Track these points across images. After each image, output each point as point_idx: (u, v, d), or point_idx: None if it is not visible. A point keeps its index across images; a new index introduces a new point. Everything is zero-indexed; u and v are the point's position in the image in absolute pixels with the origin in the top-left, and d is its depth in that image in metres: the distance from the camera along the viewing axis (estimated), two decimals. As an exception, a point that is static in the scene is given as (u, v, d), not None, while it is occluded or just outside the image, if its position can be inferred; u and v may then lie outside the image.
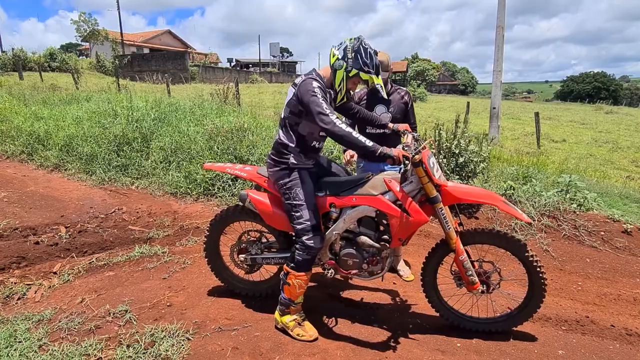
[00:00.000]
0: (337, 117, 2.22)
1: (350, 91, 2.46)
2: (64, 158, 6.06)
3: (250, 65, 47.19)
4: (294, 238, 2.67)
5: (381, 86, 2.33)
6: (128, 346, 2.32)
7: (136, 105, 6.96)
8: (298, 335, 2.45)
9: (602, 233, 4.08)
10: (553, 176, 5.48)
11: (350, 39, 2.30)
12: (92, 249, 3.73)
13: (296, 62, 56.30)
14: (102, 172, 5.57)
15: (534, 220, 4.22)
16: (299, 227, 2.37)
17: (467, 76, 69.12)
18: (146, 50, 37.24)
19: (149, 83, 12.44)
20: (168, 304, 2.80)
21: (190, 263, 3.41)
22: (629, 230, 4.06)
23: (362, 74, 2.27)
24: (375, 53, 2.30)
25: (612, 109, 29.21)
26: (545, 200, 4.47)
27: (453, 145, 4.69)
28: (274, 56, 49.56)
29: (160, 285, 3.06)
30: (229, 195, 4.86)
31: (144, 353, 2.27)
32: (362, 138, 2.16)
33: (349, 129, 2.17)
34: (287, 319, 2.48)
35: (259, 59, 46.20)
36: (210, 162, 5.10)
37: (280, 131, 2.44)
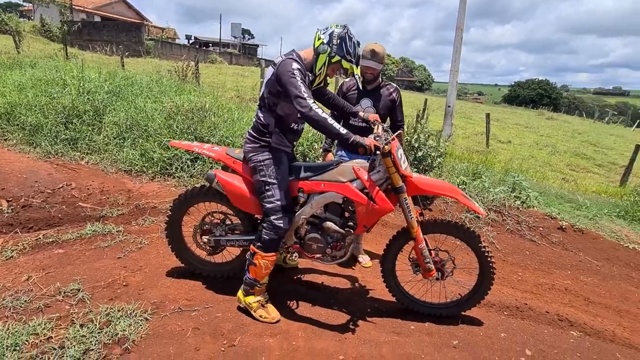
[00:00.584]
0: (315, 102, 2.25)
1: (328, 77, 2.47)
2: (4, 127, 5.59)
3: (210, 45, 45.50)
4: (259, 221, 2.69)
5: (359, 77, 2.39)
6: (82, 325, 2.24)
7: (88, 76, 6.54)
8: (260, 316, 2.47)
9: (541, 229, 4.44)
10: (499, 174, 5.86)
11: (337, 26, 2.31)
12: (38, 225, 3.52)
13: (258, 46, 54.98)
14: (48, 144, 5.21)
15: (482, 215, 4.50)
16: (269, 205, 2.38)
17: (424, 73, 71.01)
18: (97, 19, 34.74)
19: (100, 54, 11.65)
20: (124, 283, 2.72)
21: (148, 243, 3.31)
22: (563, 227, 4.45)
23: (344, 62, 2.30)
24: (359, 44, 2.35)
25: (553, 115, 31.33)
26: (493, 196, 4.78)
27: (413, 140, 4.87)
28: (235, 37, 48.09)
29: (115, 264, 2.96)
30: (187, 176, 4.75)
31: (99, 332, 2.20)
32: (336, 125, 2.21)
33: (324, 115, 2.20)
34: (251, 299, 2.49)
35: (220, 39, 44.66)
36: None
37: (259, 111, 2.44)
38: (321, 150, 3.46)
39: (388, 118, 3.23)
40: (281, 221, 2.39)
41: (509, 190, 4.99)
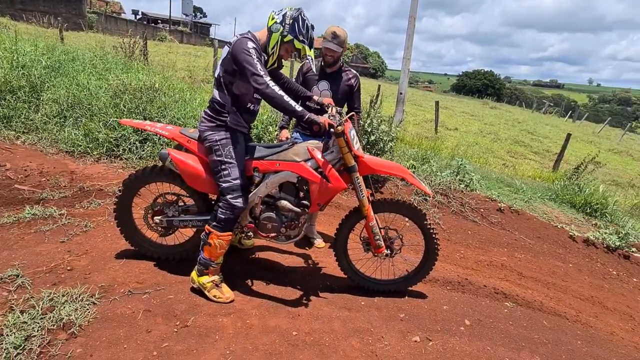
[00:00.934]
0: (271, 80, 2.26)
1: (283, 59, 2.48)
2: None
3: (159, 21, 43.17)
4: (213, 202, 2.68)
5: (312, 58, 2.45)
6: (22, 312, 2.14)
7: (22, 49, 6.01)
8: (214, 296, 2.48)
9: (482, 210, 4.75)
10: (446, 159, 6.15)
11: (291, 8, 2.36)
12: (-32, 208, 3.26)
13: (210, 25, 52.99)
14: (-23, 122, 4.78)
15: (430, 197, 4.73)
16: (225, 185, 2.38)
17: (378, 60, 72.06)
18: (30, -14, 31.76)
19: (35, 25, 10.69)
20: (68, 268, 2.61)
21: (94, 226, 3.18)
22: (502, 208, 4.79)
23: (296, 42, 2.34)
24: (312, 27, 2.38)
25: (496, 105, 33.15)
26: (440, 179, 5.03)
27: (366, 124, 4.99)
28: (185, 15, 45.97)
29: (58, 248, 2.82)
30: (136, 158, 4.56)
31: (41, 318, 2.11)
32: (292, 102, 2.26)
33: (281, 92, 2.24)
34: (205, 279, 2.49)
35: (170, 16, 42.46)
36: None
37: (216, 91, 2.43)
38: (277, 127, 3.47)
39: (345, 104, 3.29)
40: (238, 200, 2.39)
41: (454, 174, 5.27)
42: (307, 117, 2.26)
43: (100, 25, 22.35)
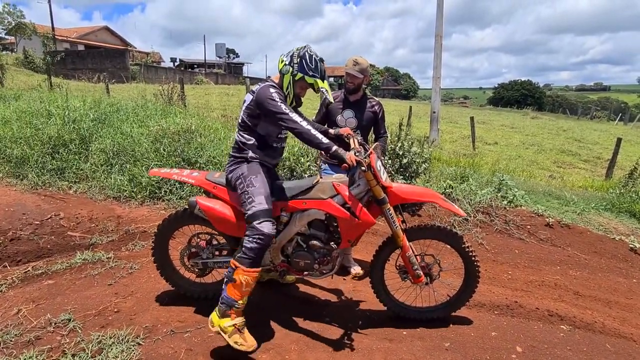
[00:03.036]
0: (297, 115, 2.34)
1: (301, 97, 2.54)
2: (-11, 162, 5.57)
3: (195, 66, 45.81)
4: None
5: (326, 90, 2.46)
6: (73, 355, 2.23)
7: (73, 105, 6.56)
8: (236, 343, 2.26)
9: (529, 227, 4.51)
10: (487, 176, 5.94)
11: (298, 48, 2.44)
12: (27, 257, 3.50)
13: (243, 64, 55.49)
14: (35, 176, 5.20)
15: (470, 217, 4.56)
16: (250, 212, 2.32)
17: (409, 81, 72.07)
18: (81, 47, 34.90)
19: (85, 82, 11.69)
20: (115, 310, 2.72)
21: (138, 268, 3.31)
22: (550, 223, 4.53)
23: (306, 78, 2.40)
24: (322, 60, 2.44)
25: (537, 114, 31.90)
26: (480, 197, 4.85)
27: (397, 147, 4.95)
28: (219, 57, 48.46)
29: (105, 291, 2.95)
30: (176, 199, 4.76)
31: (91, 361, 2.20)
32: (319, 135, 2.31)
33: (308, 126, 2.31)
34: (226, 322, 2.29)
35: (205, 60, 44.99)
36: (155, 168, 4.97)
37: (239, 133, 2.52)
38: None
39: (372, 131, 3.34)
40: (264, 224, 2.29)
41: (496, 191, 5.07)
42: (333, 149, 2.29)
43: (143, 75, 24.03)
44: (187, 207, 2.65)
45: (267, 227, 2.29)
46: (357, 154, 2.36)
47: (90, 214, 4.37)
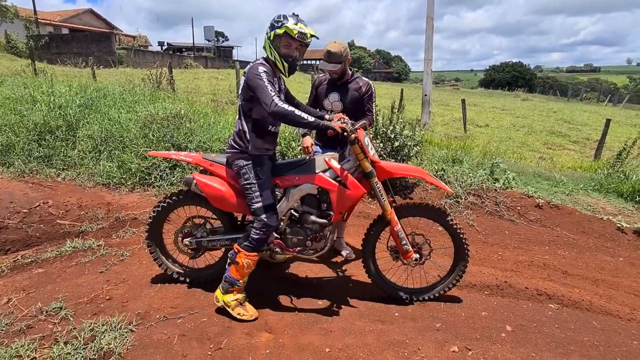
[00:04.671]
0: (280, 99, 2.32)
1: (290, 58, 2.41)
2: (-27, 149, 5.44)
3: (184, 50, 44.91)
4: (239, 222, 2.74)
5: (302, 28, 2.33)
6: (66, 343, 2.23)
7: (58, 90, 6.41)
8: (239, 314, 2.51)
9: (519, 208, 4.55)
10: (478, 158, 5.96)
11: None
12: (15, 246, 3.47)
13: (232, 47, 54.52)
14: (22, 163, 5.11)
15: (461, 199, 4.59)
16: (256, 205, 2.45)
17: (400, 64, 71.66)
18: (65, 31, 33.91)
19: (70, 67, 11.41)
20: (107, 297, 2.71)
21: (129, 255, 3.29)
22: (540, 204, 4.57)
23: (277, 31, 2.32)
24: (292, 15, 2.35)
25: (528, 96, 31.96)
26: (471, 180, 4.87)
27: (389, 131, 4.93)
28: (208, 40, 47.53)
29: (97, 279, 2.94)
30: (167, 185, 4.71)
31: (84, 348, 2.19)
32: (304, 115, 2.30)
33: (290, 108, 2.28)
34: (229, 297, 2.53)
35: (193, 43, 44.12)
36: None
37: (238, 119, 2.52)
38: (300, 134, 3.49)
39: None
40: (272, 218, 2.46)
41: (487, 173, 5.09)
42: (320, 124, 2.33)
43: (130, 59, 23.51)
44: (181, 188, 2.68)
45: (273, 220, 2.47)
46: (344, 123, 2.43)
47: (80, 202, 4.31)
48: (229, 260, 2.54)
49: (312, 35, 2.38)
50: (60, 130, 5.50)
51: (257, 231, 2.46)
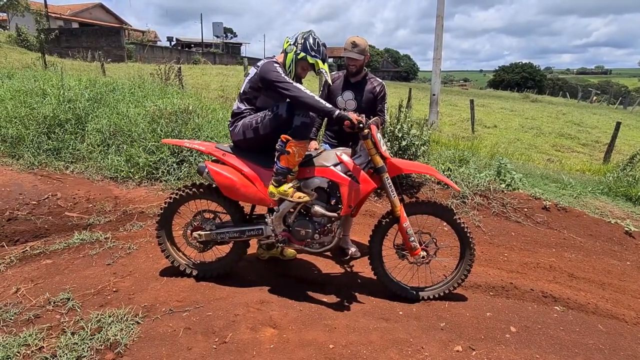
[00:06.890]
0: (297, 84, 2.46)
1: (300, 77, 2.67)
2: (-16, 141, 5.51)
3: (193, 45, 45.09)
4: (247, 215, 2.83)
5: (326, 72, 2.59)
6: (73, 333, 2.25)
7: (68, 84, 6.46)
8: (299, 197, 2.53)
9: (525, 209, 4.52)
10: (485, 159, 5.94)
11: (302, 32, 2.59)
12: (24, 237, 3.51)
13: (241, 44, 54.68)
14: (31, 156, 5.16)
15: (468, 199, 4.57)
16: (292, 93, 2.44)
17: (409, 63, 71.35)
18: (75, 25, 34.20)
19: (80, 61, 11.51)
20: (114, 289, 2.73)
21: (136, 248, 3.32)
22: (547, 206, 4.54)
23: (308, 58, 2.55)
24: (324, 45, 2.58)
25: (537, 97, 31.69)
26: (478, 180, 4.85)
27: (396, 130, 4.92)
28: (217, 36, 47.67)
29: (104, 271, 2.97)
30: (174, 179, 4.74)
31: (90, 339, 2.22)
32: (322, 102, 2.43)
33: (310, 93, 2.41)
34: (286, 187, 2.53)
35: (202, 39, 44.27)
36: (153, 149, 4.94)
37: (238, 103, 2.65)
38: None
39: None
40: (309, 98, 2.46)
41: (494, 174, 5.07)
42: (337, 113, 2.42)
43: (139, 54, 23.64)
44: (194, 182, 2.73)
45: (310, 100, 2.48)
46: (360, 116, 2.48)
47: (88, 195, 4.35)
48: (277, 153, 2.52)
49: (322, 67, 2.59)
50: (69, 123, 5.55)
51: (304, 114, 2.47)
